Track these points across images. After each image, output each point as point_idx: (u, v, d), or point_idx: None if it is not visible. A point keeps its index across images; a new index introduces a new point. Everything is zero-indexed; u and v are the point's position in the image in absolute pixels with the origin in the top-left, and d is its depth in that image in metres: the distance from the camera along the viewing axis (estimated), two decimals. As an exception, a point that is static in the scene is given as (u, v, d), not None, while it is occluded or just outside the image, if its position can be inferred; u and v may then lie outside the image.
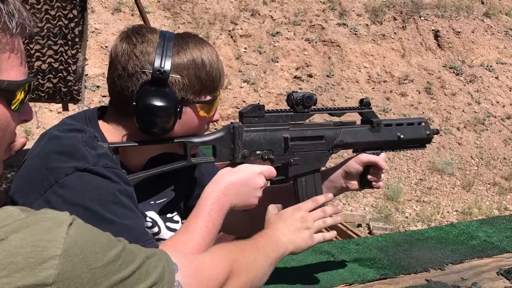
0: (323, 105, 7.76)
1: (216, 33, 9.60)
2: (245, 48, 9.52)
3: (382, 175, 1.32)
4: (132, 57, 1.02)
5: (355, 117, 1.34)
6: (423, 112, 9.08)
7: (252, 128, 1.14)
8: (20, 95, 0.76)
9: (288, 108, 1.21)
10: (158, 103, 1.00)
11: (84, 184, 0.92)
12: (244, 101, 8.30)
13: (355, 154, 1.32)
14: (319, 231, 1.17)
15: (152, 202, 1.16)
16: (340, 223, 5.36)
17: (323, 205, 1.21)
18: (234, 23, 9.79)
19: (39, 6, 3.81)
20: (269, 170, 1.15)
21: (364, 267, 1.52)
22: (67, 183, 0.91)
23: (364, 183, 1.32)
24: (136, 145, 1.05)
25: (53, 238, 0.60)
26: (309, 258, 1.59)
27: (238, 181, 1.09)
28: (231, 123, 1.15)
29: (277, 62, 9.40)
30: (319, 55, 9.70)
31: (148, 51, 1.02)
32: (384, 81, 9.55)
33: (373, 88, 9.45)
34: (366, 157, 1.29)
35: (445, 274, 1.47)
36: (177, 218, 1.21)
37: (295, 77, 9.29)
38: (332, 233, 1.22)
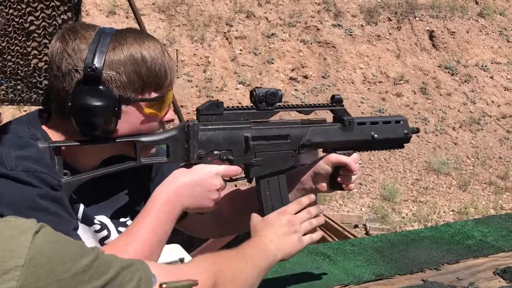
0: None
1: (211, 35, 9.59)
2: (241, 50, 9.51)
3: (353, 177, 1.23)
4: (65, 56, 0.98)
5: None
6: (419, 112, 9.10)
7: (209, 127, 1.07)
8: None
9: (251, 105, 1.14)
10: (92, 102, 0.96)
11: None
12: (239, 103, 8.29)
13: (325, 154, 1.24)
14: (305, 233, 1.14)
15: (102, 206, 1.11)
16: (337, 224, 5.35)
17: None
18: (229, 25, 9.79)
19: (35, 5, 3.81)
20: (228, 170, 1.08)
21: (359, 268, 1.52)
22: None
23: (334, 185, 1.24)
24: (77, 144, 1.00)
25: (16, 247, 0.56)
26: (304, 260, 1.58)
27: (192, 182, 1.03)
28: (186, 120, 1.09)
29: (273, 63, 9.40)
30: (314, 56, 9.70)
31: (80, 48, 0.97)
32: (379, 82, 9.57)
33: (369, 88, 9.46)
34: (335, 157, 1.21)
35: (441, 274, 1.47)
36: (130, 222, 1.14)
37: (290, 78, 9.30)
38: (319, 234, 1.18)
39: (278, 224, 1.09)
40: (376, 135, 1.24)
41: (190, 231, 1.33)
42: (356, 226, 6.43)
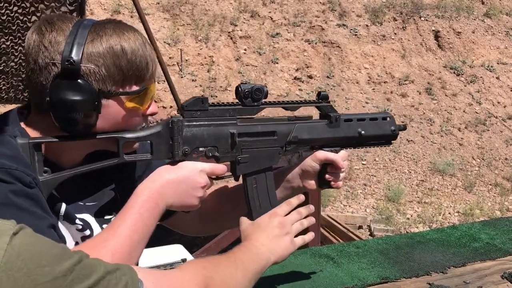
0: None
1: (216, 34, 9.58)
2: (245, 50, 9.50)
3: (342, 175, 1.22)
4: (42, 48, 0.95)
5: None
6: (424, 113, 9.05)
7: (194, 123, 1.05)
8: None
9: (237, 101, 1.12)
10: (71, 97, 0.93)
11: None
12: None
13: (312, 151, 1.23)
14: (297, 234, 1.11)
15: (86, 204, 1.09)
16: (341, 225, 5.33)
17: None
18: (233, 25, 9.77)
19: (37, 5, 3.78)
20: (213, 167, 1.06)
21: (364, 271, 1.49)
22: None
23: (322, 183, 1.22)
24: (56, 140, 0.98)
25: None
26: (308, 262, 1.56)
27: (176, 179, 1.01)
28: (171, 117, 1.06)
29: (277, 63, 9.38)
30: (319, 56, 9.67)
31: (57, 41, 0.94)
32: (384, 82, 9.53)
33: (374, 89, 9.42)
34: (323, 154, 1.19)
35: (447, 278, 1.44)
36: None
37: (295, 78, 9.27)
38: (311, 235, 1.14)
39: (269, 227, 1.07)
40: (363, 132, 1.23)
41: (176, 228, 1.31)
42: (360, 227, 6.40)
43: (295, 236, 1.10)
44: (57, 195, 1.01)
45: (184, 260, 2.72)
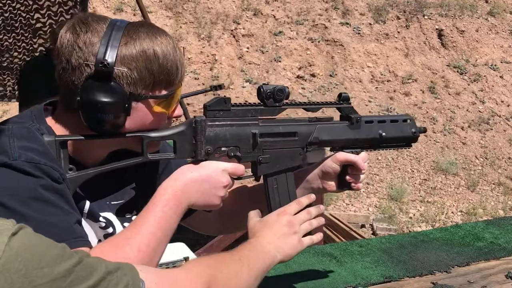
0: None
1: (219, 32, 9.57)
2: (248, 48, 9.48)
3: (362, 176, 1.22)
4: (76, 48, 0.95)
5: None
6: (427, 112, 9.03)
7: (217, 123, 1.06)
8: None
9: (258, 101, 1.12)
10: (102, 98, 0.94)
11: (0, 179, 0.86)
12: (246, 101, 8.26)
13: (333, 153, 1.23)
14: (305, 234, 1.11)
15: (109, 202, 1.10)
16: (344, 224, 5.32)
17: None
18: (236, 23, 9.76)
19: (41, 3, 3.77)
20: (235, 167, 1.06)
21: (367, 270, 1.49)
22: None
23: (342, 184, 1.22)
24: (82, 138, 0.99)
25: None
26: (311, 261, 1.56)
27: (199, 178, 1.01)
28: (194, 116, 1.07)
29: (280, 61, 9.37)
30: (322, 54, 9.65)
31: (92, 42, 0.95)
32: (387, 81, 9.50)
33: (377, 87, 9.40)
34: (343, 156, 1.19)
35: (451, 277, 1.43)
36: None
37: (298, 76, 9.26)
38: (319, 235, 1.13)
39: (277, 225, 1.06)
40: (384, 134, 1.23)
41: (195, 227, 1.31)
42: (363, 226, 6.39)
43: (303, 236, 1.09)
44: (81, 193, 1.01)
45: (186, 259, 2.71)
